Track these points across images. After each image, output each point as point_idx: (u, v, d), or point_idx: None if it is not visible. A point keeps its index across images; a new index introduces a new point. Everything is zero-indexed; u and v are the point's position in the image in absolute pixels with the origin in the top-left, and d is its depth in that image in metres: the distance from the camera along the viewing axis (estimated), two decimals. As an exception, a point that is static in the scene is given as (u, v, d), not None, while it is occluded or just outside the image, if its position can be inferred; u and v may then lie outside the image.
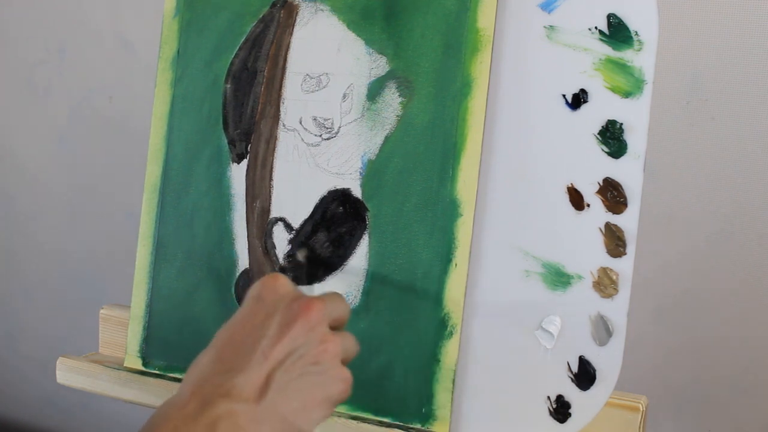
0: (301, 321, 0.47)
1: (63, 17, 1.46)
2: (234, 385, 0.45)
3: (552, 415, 0.60)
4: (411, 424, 0.62)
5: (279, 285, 0.49)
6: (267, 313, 0.48)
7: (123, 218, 1.46)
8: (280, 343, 0.46)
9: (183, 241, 0.71)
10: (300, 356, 0.46)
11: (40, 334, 1.59)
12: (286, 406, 0.45)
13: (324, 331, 0.48)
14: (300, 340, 0.47)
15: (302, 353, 0.47)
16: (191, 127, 0.72)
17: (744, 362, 1.04)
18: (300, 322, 0.47)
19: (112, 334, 0.79)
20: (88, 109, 1.47)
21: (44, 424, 1.62)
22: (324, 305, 0.48)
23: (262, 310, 0.48)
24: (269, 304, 0.48)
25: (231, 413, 0.44)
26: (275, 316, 0.47)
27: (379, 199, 0.65)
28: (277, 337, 0.46)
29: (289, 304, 0.48)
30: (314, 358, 0.47)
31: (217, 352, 0.47)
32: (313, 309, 0.47)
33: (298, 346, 0.47)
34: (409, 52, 0.64)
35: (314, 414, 0.47)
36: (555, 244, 0.60)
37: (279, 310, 0.48)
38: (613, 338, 0.59)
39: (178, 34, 0.73)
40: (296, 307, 0.47)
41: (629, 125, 0.59)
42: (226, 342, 0.48)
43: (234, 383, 0.45)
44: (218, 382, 0.45)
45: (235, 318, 0.49)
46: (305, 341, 0.47)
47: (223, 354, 0.47)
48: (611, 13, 0.59)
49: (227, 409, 0.44)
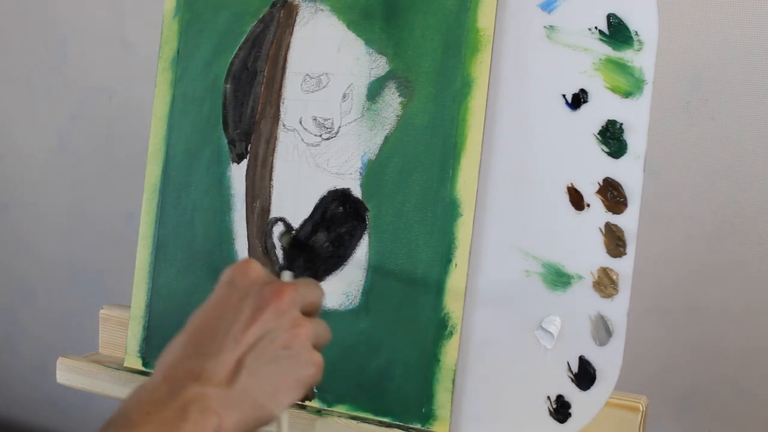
0: (272, 306, 0.47)
1: (63, 17, 1.46)
2: (205, 369, 0.45)
3: (552, 415, 0.60)
4: (411, 424, 0.62)
5: (250, 270, 0.49)
6: (239, 297, 0.48)
7: (123, 218, 1.46)
8: (251, 327, 0.47)
9: (183, 241, 0.71)
10: (271, 340, 0.47)
11: (40, 334, 1.59)
12: (258, 389, 0.46)
13: (295, 316, 0.48)
14: (271, 325, 0.47)
15: (273, 337, 0.47)
16: (191, 127, 0.72)
17: (744, 362, 1.04)
18: (271, 307, 0.47)
19: (112, 334, 0.79)
20: (88, 109, 1.47)
21: (44, 424, 1.62)
22: (295, 290, 0.48)
23: (234, 294, 0.48)
24: (241, 288, 0.48)
25: (202, 396, 0.44)
26: (247, 301, 0.48)
27: (379, 199, 0.65)
28: (249, 321, 0.47)
29: (260, 288, 0.48)
30: (285, 343, 0.47)
31: (189, 336, 0.48)
32: (284, 294, 0.48)
33: (269, 330, 0.47)
34: (409, 52, 0.64)
35: (285, 397, 0.47)
36: (555, 244, 0.60)
37: (250, 294, 0.48)
38: (613, 338, 0.59)
39: (178, 34, 0.73)
40: (267, 291, 0.48)
41: (629, 125, 0.59)
42: (198, 327, 0.48)
43: (205, 367, 0.45)
44: (189, 367, 0.46)
45: (208, 303, 0.49)
46: (276, 325, 0.47)
47: (195, 338, 0.47)
48: (611, 13, 0.59)
49: (198, 393, 0.44)
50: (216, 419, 0.44)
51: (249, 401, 0.45)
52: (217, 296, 0.49)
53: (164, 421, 0.43)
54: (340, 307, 0.65)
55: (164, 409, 0.43)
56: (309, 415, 0.65)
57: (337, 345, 0.65)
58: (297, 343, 0.47)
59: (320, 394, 0.65)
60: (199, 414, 0.43)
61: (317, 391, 0.65)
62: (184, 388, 0.44)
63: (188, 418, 0.43)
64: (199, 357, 0.46)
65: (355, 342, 0.64)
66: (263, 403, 0.46)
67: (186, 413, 0.43)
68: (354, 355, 0.64)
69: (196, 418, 0.43)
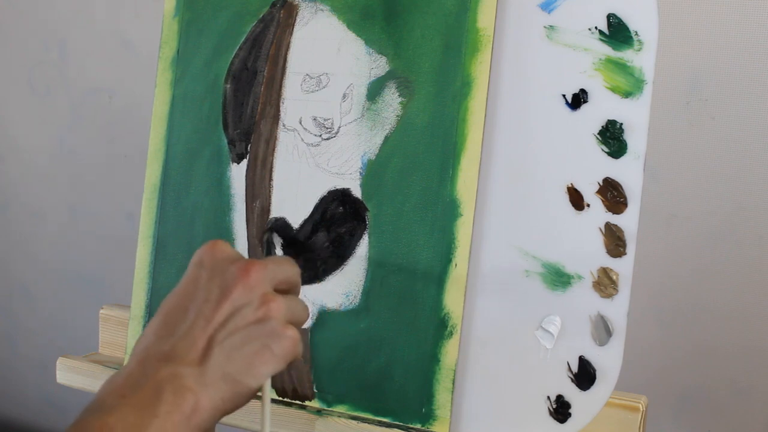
0: (241, 283, 0.47)
1: (63, 17, 1.46)
2: (176, 350, 0.45)
3: (552, 415, 0.60)
4: (411, 424, 0.62)
5: (218, 250, 0.49)
6: (208, 277, 0.48)
7: (123, 218, 1.46)
8: (221, 305, 0.47)
9: (183, 241, 0.71)
10: (242, 317, 0.47)
11: (40, 334, 1.59)
12: (231, 365, 0.46)
13: (265, 291, 0.48)
14: (241, 301, 0.47)
15: (244, 314, 0.47)
16: (191, 127, 0.72)
17: (744, 362, 1.04)
18: (240, 284, 0.47)
19: (112, 334, 0.79)
20: (88, 108, 1.47)
21: (44, 424, 1.62)
22: (264, 267, 0.48)
23: (203, 275, 0.48)
24: (209, 269, 0.48)
25: (175, 376, 0.44)
26: (215, 280, 0.48)
27: (379, 199, 0.65)
28: (218, 300, 0.47)
29: (228, 267, 0.48)
30: (256, 317, 0.47)
31: (160, 319, 0.48)
32: (252, 270, 0.47)
33: (239, 306, 0.47)
34: (409, 52, 0.64)
35: (260, 370, 0.47)
36: (555, 244, 0.60)
37: (218, 274, 0.48)
38: (613, 338, 0.59)
39: (178, 34, 0.73)
40: (235, 269, 0.48)
41: (629, 125, 0.59)
42: (168, 310, 0.48)
43: (176, 348, 0.46)
44: (161, 348, 0.46)
45: (178, 286, 0.49)
46: (247, 301, 0.47)
47: (166, 321, 0.47)
48: (611, 13, 0.59)
49: (171, 373, 0.44)
50: (192, 397, 0.44)
51: (223, 378, 0.45)
52: (186, 278, 0.49)
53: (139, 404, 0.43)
54: (340, 307, 0.65)
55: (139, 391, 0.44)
56: (309, 415, 0.65)
57: (337, 345, 0.65)
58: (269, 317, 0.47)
59: (320, 394, 0.65)
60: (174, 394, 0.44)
61: (317, 391, 0.65)
62: (157, 369, 0.44)
63: (163, 399, 0.43)
64: (171, 338, 0.46)
65: (355, 342, 0.64)
66: (239, 379, 0.46)
67: (160, 393, 0.43)
68: (354, 355, 0.64)
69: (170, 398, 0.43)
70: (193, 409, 0.44)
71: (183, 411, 0.44)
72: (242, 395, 0.46)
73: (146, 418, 0.43)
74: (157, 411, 0.43)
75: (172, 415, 0.43)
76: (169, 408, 0.43)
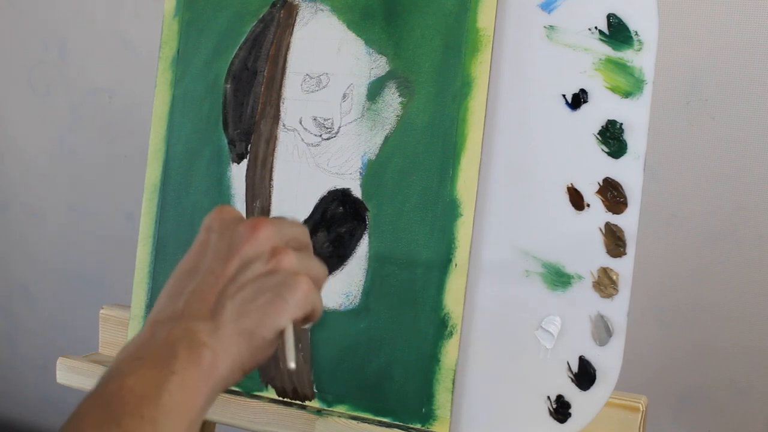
0: (250, 240, 0.47)
1: (63, 17, 1.46)
2: (187, 307, 0.45)
3: (552, 415, 0.60)
4: (411, 424, 0.62)
5: (225, 212, 0.50)
6: (217, 238, 0.48)
7: (123, 218, 1.46)
8: (230, 261, 0.47)
9: (183, 241, 0.71)
10: (252, 270, 0.47)
11: (40, 334, 1.59)
12: (245, 319, 0.45)
13: (275, 245, 0.48)
14: (250, 255, 0.47)
15: (254, 267, 0.47)
16: (191, 127, 0.72)
17: (744, 362, 1.04)
18: (249, 241, 0.47)
19: (112, 334, 0.79)
20: (88, 108, 1.47)
21: (44, 424, 1.62)
22: (272, 224, 0.48)
23: (212, 237, 0.48)
24: (217, 230, 0.49)
25: (188, 331, 0.44)
26: (224, 239, 0.48)
27: (379, 199, 0.65)
28: (227, 256, 0.47)
29: (236, 226, 0.48)
30: (267, 269, 0.47)
31: (171, 282, 0.48)
32: (259, 227, 0.48)
33: (248, 261, 0.47)
34: (409, 52, 0.64)
35: (276, 320, 0.46)
36: (555, 244, 0.60)
37: (227, 233, 0.48)
38: (613, 338, 0.59)
39: (178, 34, 0.73)
40: (243, 228, 0.48)
41: (629, 125, 0.59)
42: (179, 272, 0.48)
43: (187, 305, 0.45)
44: (172, 308, 0.46)
45: (188, 251, 0.49)
46: (255, 256, 0.47)
47: (177, 283, 0.48)
48: (611, 13, 0.59)
49: (184, 329, 0.44)
50: (208, 352, 0.43)
51: (239, 332, 0.45)
52: (196, 242, 0.49)
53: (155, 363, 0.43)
54: (340, 307, 0.65)
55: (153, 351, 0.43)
56: (309, 415, 0.65)
57: (338, 345, 0.65)
58: (280, 268, 0.47)
59: (320, 394, 0.65)
60: (188, 350, 0.43)
61: (317, 391, 0.65)
62: (170, 329, 0.44)
63: (178, 355, 0.43)
64: (180, 297, 0.46)
65: (355, 342, 0.64)
66: (254, 331, 0.45)
67: (175, 350, 0.43)
68: (354, 355, 0.64)
69: (185, 354, 0.43)
70: (211, 364, 0.43)
71: (200, 366, 0.43)
72: (259, 348, 0.46)
73: (164, 375, 0.42)
74: (174, 367, 0.42)
75: (189, 370, 0.43)
76: (186, 364, 0.43)
